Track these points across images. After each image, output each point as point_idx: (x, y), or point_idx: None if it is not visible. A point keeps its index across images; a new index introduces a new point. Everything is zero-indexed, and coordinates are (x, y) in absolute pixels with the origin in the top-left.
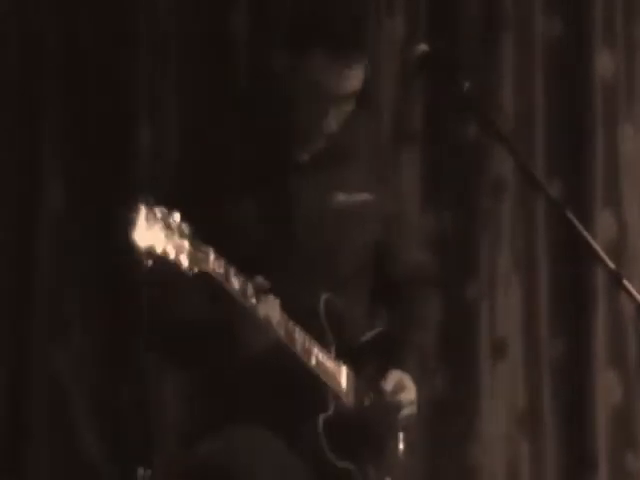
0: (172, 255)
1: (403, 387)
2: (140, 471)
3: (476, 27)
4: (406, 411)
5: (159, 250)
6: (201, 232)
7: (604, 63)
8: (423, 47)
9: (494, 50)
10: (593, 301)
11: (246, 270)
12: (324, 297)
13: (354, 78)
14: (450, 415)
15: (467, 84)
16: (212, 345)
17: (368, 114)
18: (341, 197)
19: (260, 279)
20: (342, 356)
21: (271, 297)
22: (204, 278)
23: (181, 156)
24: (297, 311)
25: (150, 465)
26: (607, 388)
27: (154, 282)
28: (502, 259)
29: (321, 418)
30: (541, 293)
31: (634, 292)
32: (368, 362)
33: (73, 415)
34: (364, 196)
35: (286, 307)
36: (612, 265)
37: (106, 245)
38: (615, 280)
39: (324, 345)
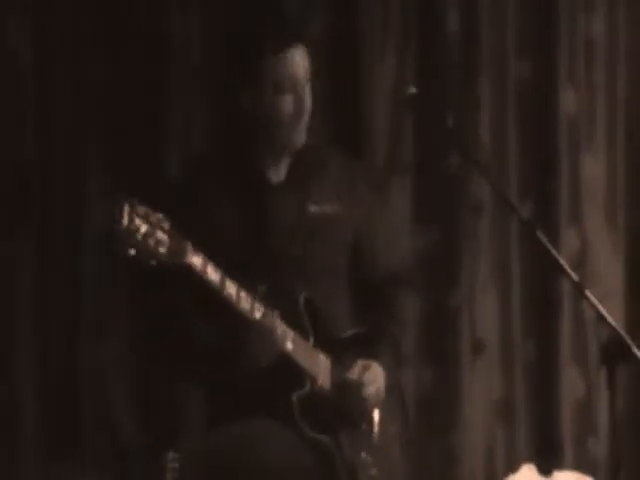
0: (152, 246)
1: (367, 367)
2: (170, 454)
3: (457, 72)
4: (371, 389)
5: (140, 241)
6: (192, 236)
7: (568, 101)
8: (412, 89)
9: (473, 91)
10: (559, 307)
11: (229, 271)
12: (303, 295)
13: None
14: (435, 405)
15: (450, 121)
16: (222, 361)
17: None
18: (313, 208)
19: (262, 288)
20: (321, 347)
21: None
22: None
23: (183, 175)
24: (278, 304)
25: (178, 449)
26: (571, 382)
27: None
28: (481, 271)
29: (296, 394)
30: (514, 300)
31: (594, 300)
32: (345, 355)
33: (113, 407)
34: (334, 208)
35: (269, 302)
36: (575, 277)
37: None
38: (578, 290)
39: (303, 335)
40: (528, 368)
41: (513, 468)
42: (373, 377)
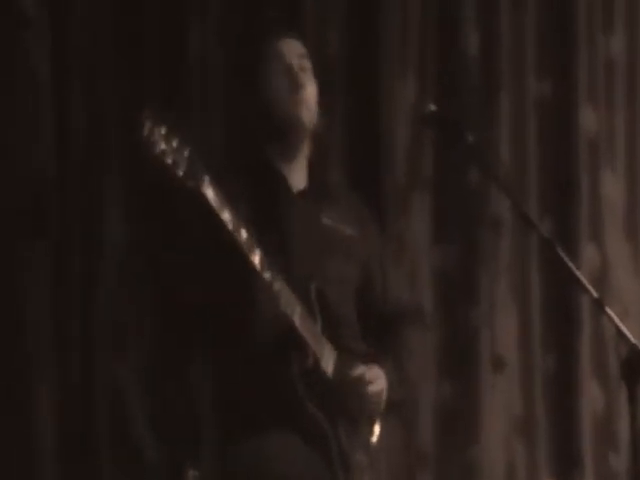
0: (170, 164)
1: (371, 367)
2: (191, 472)
3: (477, 88)
4: (372, 387)
5: (157, 154)
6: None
7: (588, 119)
8: (432, 107)
9: (493, 108)
10: (579, 323)
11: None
12: (315, 284)
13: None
14: (456, 421)
15: (470, 137)
16: (234, 322)
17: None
18: (327, 220)
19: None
20: (329, 338)
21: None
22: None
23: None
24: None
25: (198, 466)
26: (592, 398)
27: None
28: (500, 287)
29: (297, 365)
30: (534, 316)
31: (613, 316)
32: (351, 359)
33: (132, 423)
34: (347, 229)
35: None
36: (595, 293)
37: None
38: (598, 306)
39: (312, 318)
40: (548, 384)
41: None
42: (376, 376)
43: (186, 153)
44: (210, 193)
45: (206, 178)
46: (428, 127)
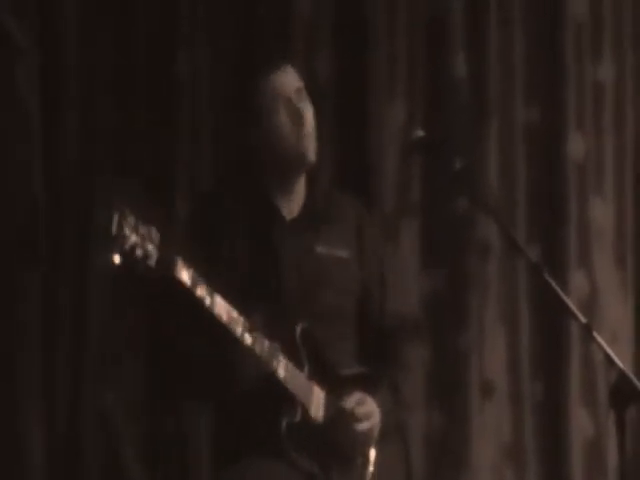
0: (140, 257)
1: (362, 402)
2: None
3: (465, 114)
4: (365, 424)
5: (127, 251)
6: (202, 267)
7: (576, 145)
8: (420, 132)
9: (481, 134)
10: (568, 349)
11: (234, 300)
12: (301, 325)
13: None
14: (444, 446)
15: (458, 164)
16: (214, 377)
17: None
18: (321, 249)
19: (256, 318)
20: (316, 379)
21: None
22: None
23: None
24: (276, 335)
25: None
26: (580, 424)
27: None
28: (489, 313)
29: (285, 422)
30: (523, 342)
31: (602, 343)
32: (342, 391)
33: (121, 446)
34: (343, 252)
35: (268, 329)
36: (583, 319)
37: None
38: (586, 331)
39: (298, 365)
40: (537, 410)
41: None
42: (368, 413)
43: (155, 237)
44: (184, 275)
45: (178, 260)
46: (416, 153)
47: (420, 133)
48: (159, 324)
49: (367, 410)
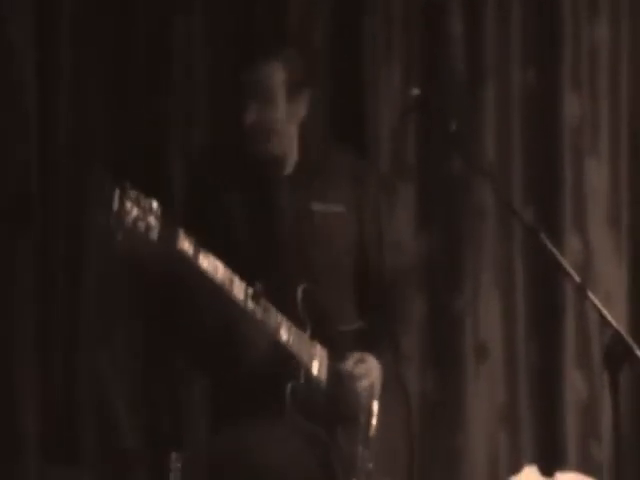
0: (142, 230)
1: (362, 360)
2: (173, 456)
3: (461, 75)
4: (364, 382)
5: (130, 225)
6: (200, 228)
7: (572, 107)
8: (416, 91)
9: (477, 95)
10: (562, 311)
11: (232, 264)
12: (302, 286)
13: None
14: (438, 408)
15: (454, 124)
16: (222, 348)
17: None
18: (317, 206)
19: (259, 286)
20: (318, 339)
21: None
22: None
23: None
24: (278, 297)
25: (181, 450)
26: (574, 385)
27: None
28: (484, 275)
29: (290, 385)
30: (518, 304)
31: (597, 303)
32: (344, 347)
33: (115, 409)
34: (339, 207)
35: (269, 293)
36: (578, 279)
37: None
38: (581, 292)
39: (300, 326)
40: (531, 371)
41: (516, 470)
42: (367, 370)
43: (155, 209)
44: (186, 246)
45: (180, 231)
46: (412, 111)
47: (416, 91)
48: (158, 291)
49: (367, 367)
